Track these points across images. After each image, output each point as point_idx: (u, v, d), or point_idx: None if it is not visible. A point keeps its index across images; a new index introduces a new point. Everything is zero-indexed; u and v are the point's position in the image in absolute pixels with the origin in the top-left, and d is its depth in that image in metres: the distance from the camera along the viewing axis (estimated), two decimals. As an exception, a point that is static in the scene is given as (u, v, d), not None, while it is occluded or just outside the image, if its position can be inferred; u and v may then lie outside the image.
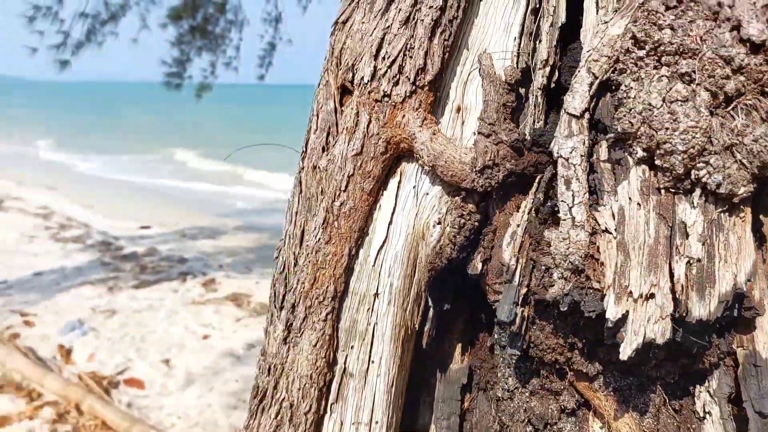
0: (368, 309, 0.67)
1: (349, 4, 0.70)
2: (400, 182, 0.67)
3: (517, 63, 0.66)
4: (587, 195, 0.55)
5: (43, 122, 36.85)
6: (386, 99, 0.63)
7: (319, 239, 0.68)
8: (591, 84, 0.54)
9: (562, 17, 0.65)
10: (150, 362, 4.28)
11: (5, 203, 9.22)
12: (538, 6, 0.66)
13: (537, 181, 0.65)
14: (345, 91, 0.69)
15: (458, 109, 0.67)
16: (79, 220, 8.40)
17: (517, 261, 0.61)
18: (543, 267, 0.59)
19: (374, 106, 0.65)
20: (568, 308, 0.55)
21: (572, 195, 0.55)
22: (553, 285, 0.57)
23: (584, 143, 0.55)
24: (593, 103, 0.55)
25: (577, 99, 0.56)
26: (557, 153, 0.58)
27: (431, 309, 0.68)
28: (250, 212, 11.18)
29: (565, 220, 0.56)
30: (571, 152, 0.55)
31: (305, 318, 0.67)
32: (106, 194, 11.96)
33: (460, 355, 0.74)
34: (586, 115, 0.55)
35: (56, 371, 4.11)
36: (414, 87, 0.61)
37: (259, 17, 7.75)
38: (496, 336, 0.69)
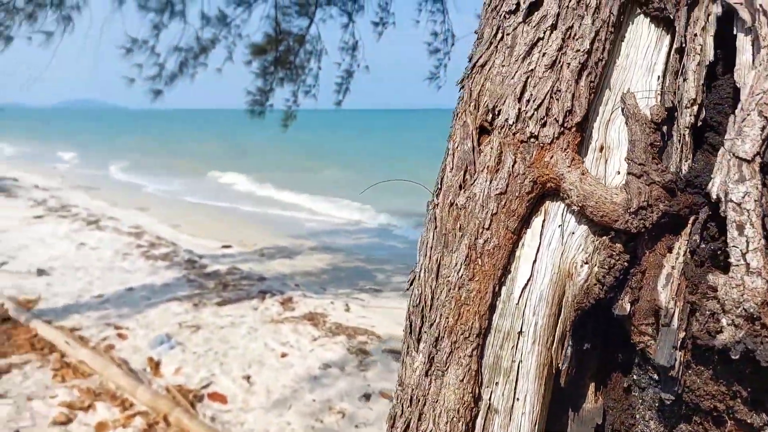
0: (512, 347, 0.68)
1: (486, 49, 0.72)
2: (544, 221, 0.68)
3: (662, 102, 0.66)
4: (763, 241, 0.53)
5: (134, 146, 39.81)
6: (533, 140, 0.65)
7: (462, 276, 0.69)
8: (763, 128, 0.53)
9: (710, 56, 0.64)
10: (232, 378, 4.44)
11: (101, 222, 9.99)
12: (681, 45, 0.66)
13: (691, 222, 0.63)
14: (483, 131, 0.72)
15: (601, 148, 0.68)
16: (167, 239, 8.94)
17: (675, 304, 0.60)
18: (708, 312, 0.57)
19: (519, 147, 0.66)
20: (739, 356, 0.53)
21: (746, 241, 0.53)
22: (721, 331, 0.55)
23: (757, 188, 0.54)
24: (764, 147, 0.54)
25: (747, 143, 0.54)
26: (716, 195, 0.57)
27: (570, 347, 0.68)
28: (320, 233, 11.45)
29: (737, 265, 0.54)
30: (743, 197, 0.54)
31: (451, 353, 0.69)
32: (191, 215, 12.69)
33: (593, 394, 0.73)
34: (758, 159, 0.54)
35: (146, 383, 4.35)
36: (562, 129, 0.62)
37: (337, 46, 8.07)
38: (635, 377, 0.68)
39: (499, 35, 0.71)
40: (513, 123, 0.66)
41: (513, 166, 0.66)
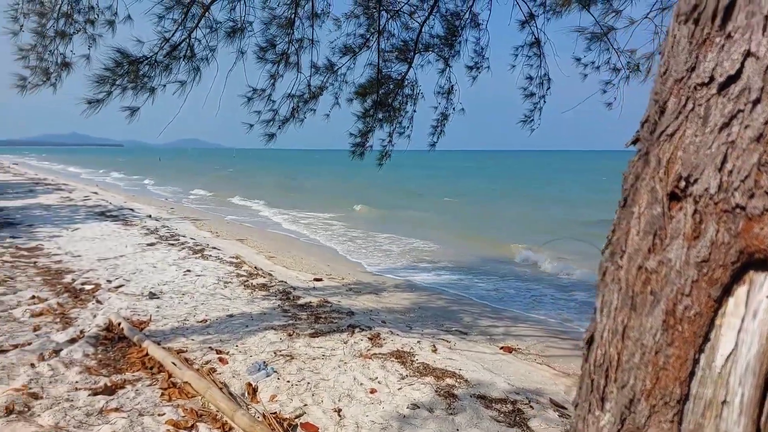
0: (715, 416, 0.67)
1: (675, 118, 0.75)
2: (749, 290, 0.68)
3: None
4: None
5: (239, 181, 42.70)
6: (739, 210, 0.65)
7: (659, 341, 0.70)
8: None
9: None
10: (323, 409, 4.51)
11: (206, 252, 10.70)
12: None
13: None
14: (672, 197, 0.73)
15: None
16: (264, 270, 9.39)
17: None
18: None
19: (722, 216, 0.67)
20: None
21: None
22: None
23: None
24: None
25: None
26: None
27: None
28: (402, 270, 11.52)
29: None
30: None
31: (649, 416, 0.70)
32: (286, 248, 13.27)
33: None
34: None
35: (244, 407, 4.53)
36: (773, 201, 0.63)
37: (432, 90, 8.29)
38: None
39: (689, 106, 0.73)
40: (714, 193, 0.67)
41: (716, 235, 0.67)
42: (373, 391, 4.82)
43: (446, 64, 8.20)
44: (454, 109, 8.47)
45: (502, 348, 6.25)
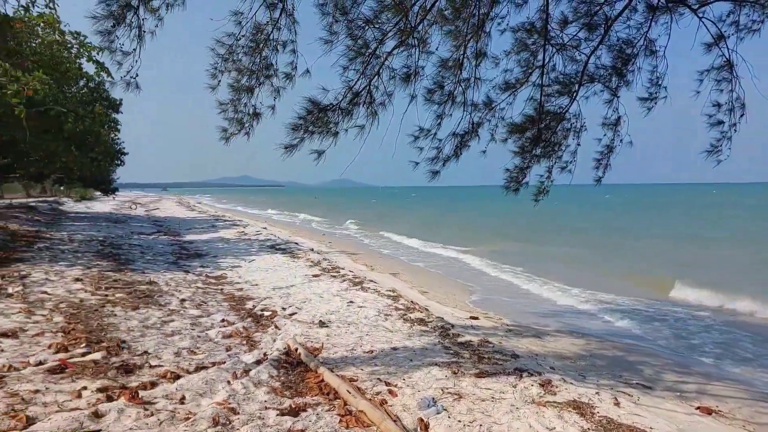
0: None
1: None
2: None
3: None
4: None
5: (388, 217, 44.61)
6: None
7: None
8: None
9: None
10: (498, 455, 4.34)
11: (364, 284, 11.20)
12: None
13: None
14: None
15: None
16: (420, 305, 9.53)
17: None
18: None
19: None
20: None
21: None
22: None
23: None
24: None
25: None
26: None
27: None
28: (564, 314, 10.85)
29: None
30: None
31: None
32: (437, 283, 13.38)
33: None
34: None
35: (416, 442, 4.54)
36: None
37: (597, 122, 7.87)
38: None
39: None
40: None
41: None
42: (550, 442, 4.54)
43: (614, 95, 7.77)
44: (621, 141, 7.94)
45: (698, 408, 5.51)
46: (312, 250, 17.74)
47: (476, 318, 9.19)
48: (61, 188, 50.20)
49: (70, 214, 30.28)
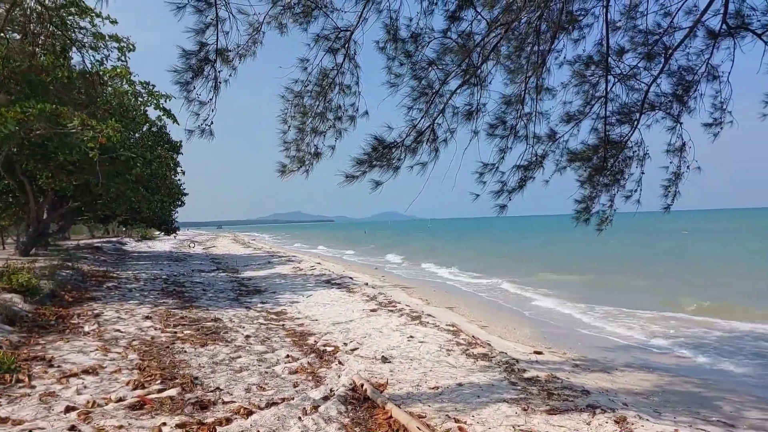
0: None
1: None
2: None
3: None
4: None
5: (439, 250, 44.48)
6: None
7: None
8: None
9: None
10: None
11: (423, 319, 11.14)
12: None
13: None
14: None
15: None
16: (482, 340, 9.39)
17: None
18: None
19: None
20: None
21: None
22: None
23: None
24: None
25: None
26: None
27: None
28: (630, 347, 10.40)
29: None
30: None
31: None
32: (495, 317, 13.15)
33: None
34: None
35: (490, 482, 4.43)
36: None
37: (660, 149, 7.70)
38: None
39: None
40: None
41: None
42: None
43: (676, 122, 7.62)
44: (688, 167, 7.73)
45: (792, 449, 5.14)
46: (366, 284, 17.84)
47: (540, 353, 8.95)
48: (124, 229, 52.94)
49: (133, 254, 31.79)
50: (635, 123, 7.44)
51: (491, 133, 6.06)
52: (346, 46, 5.83)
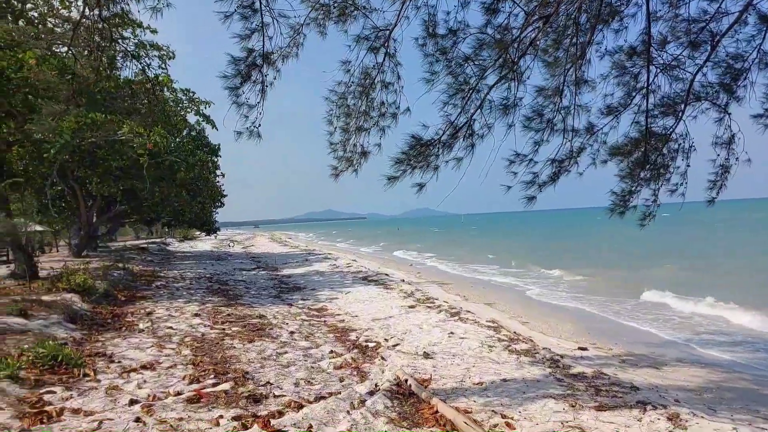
0: None
1: None
2: None
3: None
4: None
5: (473, 244, 44.22)
6: None
7: None
8: None
9: None
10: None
11: (462, 315, 11.17)
12: None
13: None
14: None
15: None
16: (524, 336, 9.35)
17: None
18: None
19: None
20: None
21: None
22: None
23: None
24: None
25: None
26: None
27: None
28: (679, 342, 10.16)
29: None
30: None
31: None
32: (536, 313, 13.03)
33: None
34: None
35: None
36: None
37: (708, 141, 7.50)
38: None
39: None
40: None
41: None
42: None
43: (724, 112, 7.40)
44: (737, 159, 7.48)
45: None
46: (403, 281, 17.94)
47: (585, 348, 8.86)
48: (167, 230, 54.61)
49: (177, 254, 32.79)
50: (680, 114, 7.26)
51: (527, 125, 6.03)
52: (386, 44, 5.92)
